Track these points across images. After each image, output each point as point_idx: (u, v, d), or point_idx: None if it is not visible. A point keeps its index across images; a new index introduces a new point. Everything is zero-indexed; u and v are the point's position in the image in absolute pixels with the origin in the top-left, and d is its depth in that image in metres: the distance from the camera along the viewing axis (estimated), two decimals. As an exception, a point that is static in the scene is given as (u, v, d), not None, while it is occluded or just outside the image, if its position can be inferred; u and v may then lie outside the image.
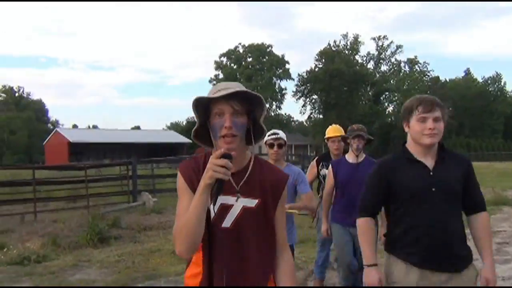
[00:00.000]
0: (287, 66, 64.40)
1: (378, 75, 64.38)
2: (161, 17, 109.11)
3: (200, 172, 1.59)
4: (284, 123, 74.98)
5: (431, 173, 2.22)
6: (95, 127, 79.81)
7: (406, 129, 2.30)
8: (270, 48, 64.50)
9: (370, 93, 64.23)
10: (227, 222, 1.64)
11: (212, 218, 1.63)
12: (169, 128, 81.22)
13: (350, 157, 4.04)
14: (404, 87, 63.36)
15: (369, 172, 3.72)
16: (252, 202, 1.66)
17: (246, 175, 1.67)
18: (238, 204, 1.64)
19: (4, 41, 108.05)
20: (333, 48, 61.37)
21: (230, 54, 65.41)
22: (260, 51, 63.83)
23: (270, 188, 1.71)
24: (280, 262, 1.74)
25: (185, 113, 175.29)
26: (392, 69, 65.21)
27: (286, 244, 1.79)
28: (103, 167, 13.66)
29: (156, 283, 5.06)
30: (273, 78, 64.59)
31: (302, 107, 64.80)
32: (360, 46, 63.14)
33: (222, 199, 1.61)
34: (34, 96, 79.15)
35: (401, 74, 64.64)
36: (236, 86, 1.65)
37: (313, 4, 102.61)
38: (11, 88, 75.82)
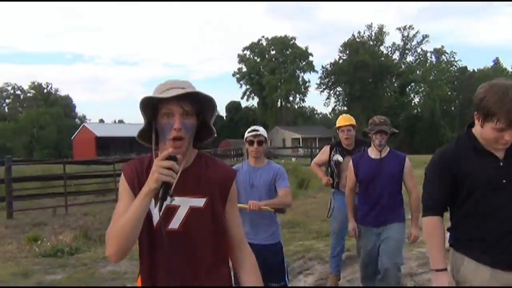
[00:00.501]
0: (310, 58, 63.94)
1: (403, 66, 63.27)
2: (184, 11, 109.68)
3: (144, 173, 1.55)
4: (308, 115, 74.70)
5: (501, 164, 2.00)
6: (120, 121, 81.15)
7: (477, 121, 2.01)
8: (293, 40, 64.15)
9: (395, 84, 63.24)
10: (174, 224, 1.57)
11: (157, 222, 1.56)
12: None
13: (372, 152, 3.76)
14: (431, 77, 62.11)
15: (394, 167, 3.63)
16: (200, 202, 1.59)
17: (190, 173, 1.61)
18: (184, 204, 1.58)
19: (31, 39, 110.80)
20: (357, 39, 60.56)
21: (254, 47, 65.33)
22: (283, 43, 63.56)
23: (218, 185, 1.64)
24: (241, 260, 1.69)
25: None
26: (418, 60, 63.90)
27: (244, 240, 1.73)
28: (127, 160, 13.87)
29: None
30: (297, 70, 64.25)
31: (326, 99, 64.47)
32: (385, 36, 62.07)
33: (167, 200, 1.54)
34: (62, 92, 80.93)
35: (427, 64, 63.30)
36: (186, 85, 1.58)
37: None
38: (40, 85, 77.66)
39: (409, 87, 65.20)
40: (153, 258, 1.58)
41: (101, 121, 78.44)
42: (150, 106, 1.55)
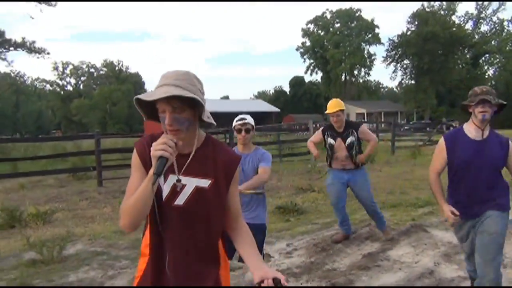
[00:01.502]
0: (376, 30, 62.04)
1: (477, 37, 59.48)
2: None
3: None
4: (373, 90, 72.86)
5: None
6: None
7: None
8: (358, 12, 62.42)
9: (467, 56, 59.78)
10: (180, 200, 1.70)
11: (165, 197, 1.70)
12: (256, 97, 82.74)
13: (471, 131, 3.08)
14: (507, 48, 58.01)
15: (497, 151, 2.97)
16: (205, 183, 1.71)
17: (197, 156, 1.72)
18: (191, 183, 1.70)
19: (102, 18, 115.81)
20: (427, 9, 57.58)
21: (318, 20, 64.35)
22: (348, 16, 62.05)
23: (223, 168, 1.75)
24: (239, 232, 1.81)
25: (273, 82, 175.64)
26: (494, 29, 59.67)
27: (240, 214, 1.85)
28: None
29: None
30: (362, 43, 62.67)
31: (393, 73, 62.43)
32: (457, 5, 58.49)
33: (175, 179, 1.69)
34: (132, 70, 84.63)
35: (503, 34, 59.08)
36: (181, 78, 1.64)
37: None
38: (112, 62, 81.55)
39: (483, 58, 61.36)
40: (160, 229, 1.71)
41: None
42: (145, 104, 1.67)
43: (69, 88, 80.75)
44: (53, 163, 13.60)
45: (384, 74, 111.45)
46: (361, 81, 67.77)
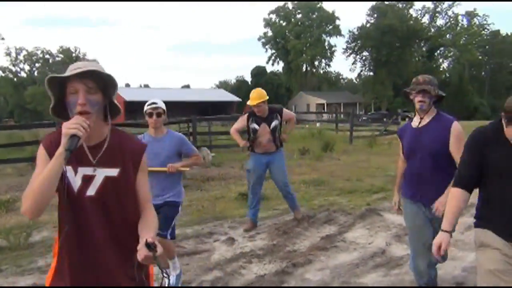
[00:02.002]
0: (337, 22, 62.93)
1: (433, 30, 61.66)
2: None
3: (60, 143, 1.66)
4: (333, 80, 74.11)
5: None
6: (146, 86, 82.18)
7: (503, 119, 2.16)
8: (320, 3, 63.05)
9: (423, 49, 61.88)
10: (91, 191, 1.73)
11: (77, 189, 1.72)
12: (218, 87, 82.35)
13: (415, 119, 3.25)
14: (461, 41, 60.47)
15: (436, 136, 3.03)
16: (114, 172, 1.76)
17: (105, 146, 1.76)
18: (100, 174, 1.74)
19: (56, 3, 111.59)
20: (385, 2, 59.08)
21: (280, 11, 64.57)
22: (309, 7, 62.55)
23: (130, 156, 1.81)
24: (143, 216, 1.83)
25: (234, 71, 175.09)
26: (449, 23, 62.09)
27: (149, 201, 1.89)
28: (166, 124, 14.65)
29: (224, 223, 5.92)
30: (323, 35, 63.44)
31: (352, 64, 64.09)
32: (415, -1, 60.40)
33: (84, 170, 1.72)
34: (90, 56, 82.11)
35: (458, 28, 61.55)
36: (91, 65, 1.69)
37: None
38: (68, 49, 78.87)
39: (438, 51, 63.73)
40: (74, 221, 1.73)
41: (127, 85, 79.53)
42: (58, 85, 1.69)
43: (23, 74, 77.59)
44: (11, 151, 13.26)
45: (344, 65, 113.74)
46: (321, 72, 68.78)
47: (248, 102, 5.44)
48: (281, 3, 64.51)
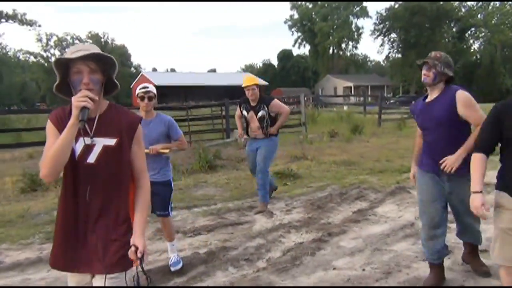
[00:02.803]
0: (364, 3, 62.00)
1: (463, 10, 59.99)
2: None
3: (66, 117, 1.87)
4: (360, 63, 73.27)
5: None
6: (173, 70, 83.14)
7: None
8: (346, -15, 62.11)
9: (454, 29, 60.37)
10: (91, 159, 1.92)
11: (78, 156, 1.91)
12: (243, 70, 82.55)
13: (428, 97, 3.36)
14: (493, 21, 58.69)
15: (443, 107, 3.16)
16: (111, 141, 1.94)
17: (103, 118, 1.97)
18: (99, 143, 1.93)
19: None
20: (415, -18, 57.66)
21: (306, -7, 63.97)
22: (336, -12, 61.73)
23: (126, 128, 1.99)
24: (139, 192, 2.05)
25: (261, 55, 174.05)
26: (480, 3, 60.20)
27: (144, 172, 2.08)
28: (202, 107, 15.24)
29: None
30: (350, 16, 62.66)
31: (380, 46, 63.23)
32: (445, -22, 58.71)
33: (85, 140, 1.90)
34: (118, 42, 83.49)
35: (489, 7, 59.66)
36: (91, 48, 1.89)
37: None
38: (97, 34, 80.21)
39: (469, 32, 62.00)
40: (75, 186, 1.92)
41: (154, 70, 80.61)
42: (63, 66, 1.89)
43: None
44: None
45: (372, 47, 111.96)
46: (348, 54, 68.10)
47: (243, 84, 5.65)
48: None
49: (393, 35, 60.49)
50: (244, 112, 5.76)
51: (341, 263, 3.94)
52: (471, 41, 63.71)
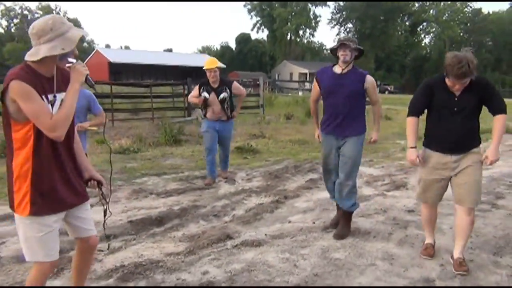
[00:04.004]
0: (323, -8, 63.08)
1: (417, 5, 62.56)
2: None
3: (36, 78, 2.08)
4: (316, 50, 74.72)
5: (456, 99, 3.17)
6: (127, 47, 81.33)
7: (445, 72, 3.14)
8: (307, -28, 62.93)
9: (407, 23, 62.89)
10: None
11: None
12: (200, 52, 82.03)
13: (336, 68, 3.99)
14: (444, 17, 61.63)
15: (355, 82, 3.87)
16: (63, 95, 2.20)
17: (58, 76, 2.23)
18: (58, 98, 2.18)
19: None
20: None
21: (266, -23, 64.22)
22: (296, -25, 62.40)
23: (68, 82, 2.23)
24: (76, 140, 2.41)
25: (217, 37, 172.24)
26: (433, -1, 62.96)
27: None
28: (162, 85, 15.56)
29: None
30: (309, 4, 63.68)
31: (336, 35, 64.42)
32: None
33: (50, 97, 2.14)
34: (71, 15, 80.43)
35: (441, 4, 62.57)
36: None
37: None
38: (48, 6, 76.97)
39: (421, 26, 64.85)
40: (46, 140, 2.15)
41: (108, 46, 78.57)
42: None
43: (0, 30, 75.73)
44: None
45: (328, 36, 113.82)
46: (305, 41, 69.32)
47: (204, 67, 5.86)
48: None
49: (349, 25, 62.33)
50: (205, 94, 5.89)
51: (295, 218, 4.70)
52: (422, 35, 66.75)
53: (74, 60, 2.22)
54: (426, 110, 3.42)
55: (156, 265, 3.42)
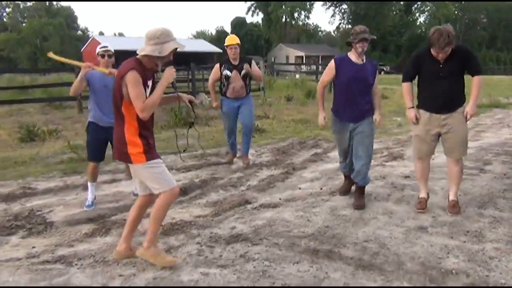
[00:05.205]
0: (317, -27, 62.84)
1: (411, -16, 62.48)
2: None
3: (143, 71, 2.87)
4: (311, 33, 74.74)
5: (441, 66, 3.82)
6: (121, 34, 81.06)
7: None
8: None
9: (401, 3, 62.88)
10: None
11: (149, 93, 2.94)
12: (195, 37, 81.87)
13: (353, 57, 4.31)
14: (438, -4, 61.65)
15: (371, 72, 4.31)
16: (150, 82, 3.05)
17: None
18: (150, 83, 2.99)
19: None
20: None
21: (260, -40, 63.88)
22: (290, -43, 62.10)
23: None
24: None
25: (212, 22, 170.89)
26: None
27: None
28: (162, 72, 15.94)
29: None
30: (303, -15, 63.54)
31: (331, 17, 65.04)
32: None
33: (149, 83, 2.99)
34: (64, 3, 79.89)
35: (435, -18, 62.52)
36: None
37: None
38: (41, -6, 76.32)
39: (415, 6, 64.85)
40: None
41: (101, 33, 78.31)
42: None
43: (-7, 20, 75.23)
44: (22, 93, 14.47)
45: (323, 18, 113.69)
46: (300, 24, 69.28)
47: (225, 43, 5.92)
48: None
49: (344, 6, 62.26)
50: (227, 72, 5.97)
51: (304, 186, 5.28)
52: (417, 14, 66.69)
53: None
54: (417, 78, 4.06)
55: (189, 224, 4.00)
